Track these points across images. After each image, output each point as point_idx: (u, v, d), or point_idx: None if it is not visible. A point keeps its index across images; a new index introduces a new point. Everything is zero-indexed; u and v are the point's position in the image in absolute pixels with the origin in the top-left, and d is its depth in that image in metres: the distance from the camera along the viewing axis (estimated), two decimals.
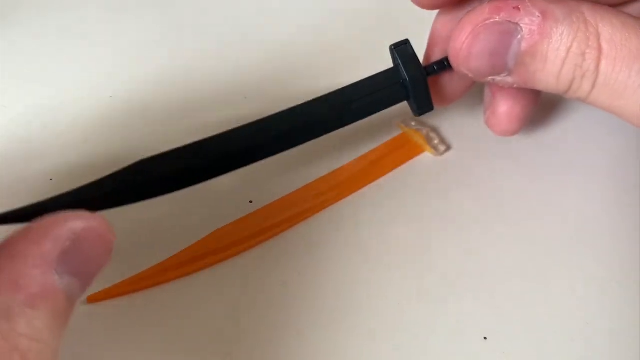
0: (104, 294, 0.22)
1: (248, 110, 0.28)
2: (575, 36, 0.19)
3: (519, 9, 0.20)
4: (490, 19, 0.20)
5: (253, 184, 0.25)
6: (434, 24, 0.24)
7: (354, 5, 0.34)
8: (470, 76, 0.22)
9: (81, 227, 0.16)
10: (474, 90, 0.29)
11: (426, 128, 0.27)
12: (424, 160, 0.26)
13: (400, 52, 0.23)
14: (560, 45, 0.19)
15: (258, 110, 0.28)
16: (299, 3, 0.34)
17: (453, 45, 0.21)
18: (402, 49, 0.23)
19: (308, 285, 0.22)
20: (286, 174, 0.25)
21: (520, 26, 0.20)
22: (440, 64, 0.23)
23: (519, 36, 0.20)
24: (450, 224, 0.24)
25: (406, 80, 0.23)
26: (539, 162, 0.26)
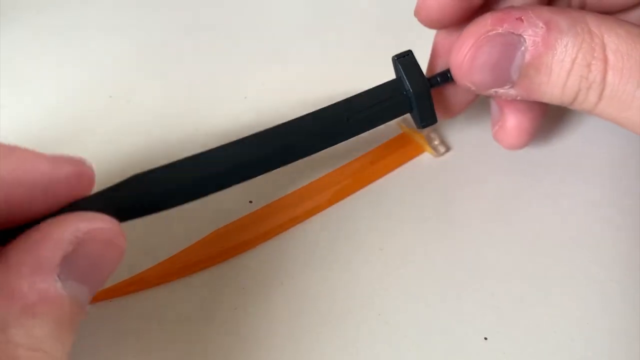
0: (104, 294, 0.22)
1: (248, 110, 0.28)
2: (580, 47, 0.19)
3: (522, 20, 0.19)
4: (493, 30, 0.19)
5: (253, 184, 0.25)
6: (436, 36, 0.24)
7: (357, 9, 0.34)
8: (472, 89, 0.21)
9: (85, 230, 0.16)
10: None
11: (426, 128, 0.27)
12: (424, 160, 0.26)
13: (403, 63, 0.22)
14: (565, 56, 0.19)
15: (258, 110, 0.28)
16: (301, 5, 0.34)
17: (455, 58, 0.20)
18: (405, 60, 0.22)
19: (308, 286, 0.22)
20: (286, 174, 0.25)
21: (524, 37, 0.19)
22: (444, 76, 0.22)
23: (523, 48, 0.19)
24: (450, 224, 0.24)
25: (410, 92, 0.22)
26: (539, 163, 0.26)
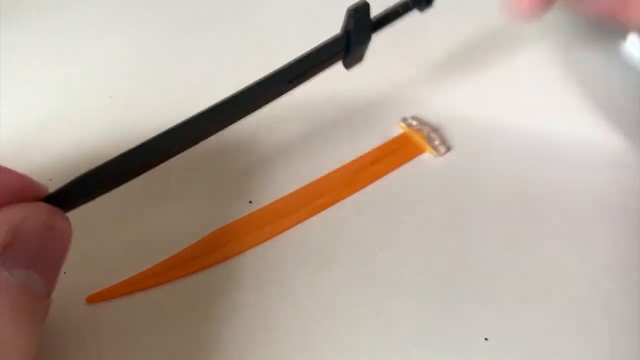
0: (104, 294, 0.22)
1: None
2: None
3: None
4: None
5: (253, 184, 0.25)
6: None
7: None
8: None
9: (20, 218, 0.16)
10: (475, 93, 0.29)
11: (427, 128, 0.27)
12: (425, 160, 0.26)
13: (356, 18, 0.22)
14: None
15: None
16: (301, 5, 0.34)
17: None
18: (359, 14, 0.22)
19: (308, 286, 0.22)
20: (286, 174, 0.25)
21: None
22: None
23: None
24: (451, 224, 0.24)
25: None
26: (539, 164, 0.26)
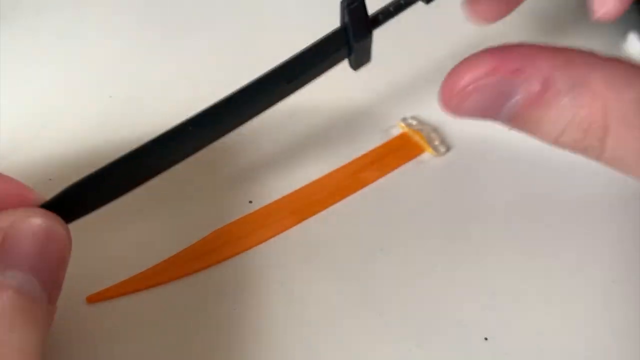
0: (104, 294, 0.22)
1: None
2: (577, 112, 0.17)
3: (519, 72, 0.18)
4: (488, 77, 0.18)
5: (253, 184, 0.25)
6: None
7: None
8: None
9: (9, 221, 0.16)
10: None
11: (427, 128, 0.27)
12: (425, 160, 0.26)
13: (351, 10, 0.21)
14: (558, 118, 0.18)
15: None
16: (302, 6, 0.34)
17: (444, 91, 0.19)
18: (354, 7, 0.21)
19: (308, 286, 0.22)
20: (286, 174, 0.25)
21: (518, 90, 0.18)
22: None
23: (514, 100, 0.18)
24: (451, 224, 0.24)
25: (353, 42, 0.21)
26: (540, 164, 0.26)
